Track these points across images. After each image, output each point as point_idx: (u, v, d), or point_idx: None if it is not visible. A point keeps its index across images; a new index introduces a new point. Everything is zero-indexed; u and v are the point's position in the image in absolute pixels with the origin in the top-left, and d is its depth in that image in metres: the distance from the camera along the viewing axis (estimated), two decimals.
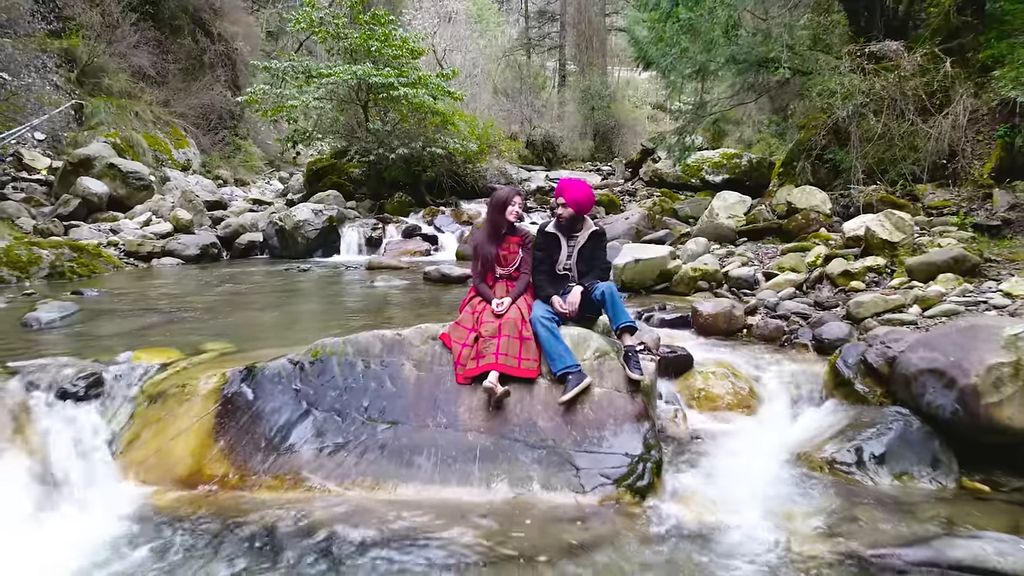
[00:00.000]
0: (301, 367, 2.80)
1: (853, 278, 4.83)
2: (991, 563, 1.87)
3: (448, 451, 2.55)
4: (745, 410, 3.30)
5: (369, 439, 2.60)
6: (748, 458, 2.83)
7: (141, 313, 4.80)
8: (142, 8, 17.64)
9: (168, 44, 18.64)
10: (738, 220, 7.17)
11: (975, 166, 6.93)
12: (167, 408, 2.78)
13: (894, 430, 2.62)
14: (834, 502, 2.41)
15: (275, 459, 2.58)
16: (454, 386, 2.71)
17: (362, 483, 2.50)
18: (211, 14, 20.18)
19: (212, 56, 20.15)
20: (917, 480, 2.51)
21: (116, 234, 9.29)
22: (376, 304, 5.49)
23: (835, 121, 7.74)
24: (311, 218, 9.62)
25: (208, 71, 19.88)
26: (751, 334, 4.21)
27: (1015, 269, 4.32)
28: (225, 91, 20.27)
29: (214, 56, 20.23)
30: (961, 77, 7.36)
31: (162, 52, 18.32)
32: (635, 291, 5.53)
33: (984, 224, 5.47)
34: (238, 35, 20.97)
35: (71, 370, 2.92)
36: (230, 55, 21.04)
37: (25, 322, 4.18)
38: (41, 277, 6.62)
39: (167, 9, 18.67)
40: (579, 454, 2.52)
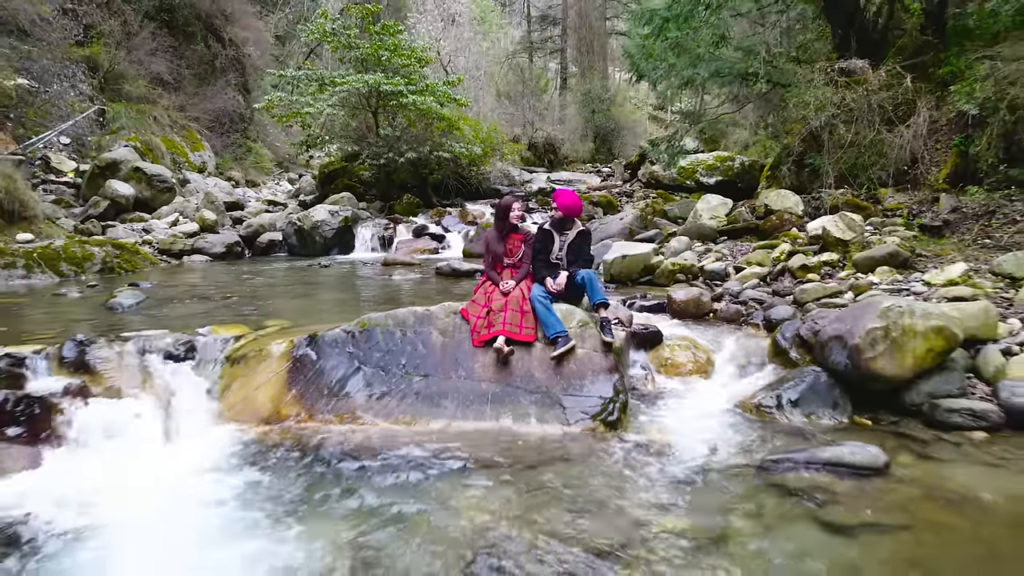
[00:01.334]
0: (352, 335, 3.69)
1: (810, 271, 5.70)
2: (846, 459, 2.75)
3: (467, 396, 3.44)
4: (703, 374, 4.17)
5: (407, 388, 3.49)
6: (698, 406, 3.71)
7: (196, 300, 5.70)
8: (158, 16, 18.62)
9: (182, 50, 19.57)
10: (720, 221, 8.04)
11: (932, 172, 7.79)
12: (248, 367, 3.67)
13: (807, 382, 3.50)
14: (755, 432, 3.28)
15: (335, 402, 3.47)
16: (471, 348, 3.60)
17: (402, 419, 3.38)
18: (222, 20, 21.11)
19: (223, 61, 21.08)
20: (820, 418, 3.38)
21: (148, 233, 10.21)
22: (397, 293, 6.38)
23: (811, 130, 8.64)
24: (328, 219, 10.53)
25: (220, 75, 20.83)
26: (716, 316, 5.08)
27: (939, 263, 5.19)
28: (236, 95, 21.23)
29: (225, 61, 21.17)
30: (924, 91, 8.24)
31: (177, 58, 19.25)
32: (623, 282, 6.42)
33: (928, 224, 6.34)
34: (248, 40, 21.90)
35: (169, 339, 3.81)
36: (240, 60, 21.98)
37: (110, 306, 5.08)
38: (94, 272, 7.53)
39: (181, 16, 19.60)
40: (565, 397, 3.41)
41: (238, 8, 21.63)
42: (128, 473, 2.88)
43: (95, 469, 2.87)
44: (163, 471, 2.97)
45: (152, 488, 2.78)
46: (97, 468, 2.89)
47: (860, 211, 7.43)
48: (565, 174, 19.50)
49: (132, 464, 2.96)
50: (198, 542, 2.37)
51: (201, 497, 2.70)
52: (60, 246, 7.51)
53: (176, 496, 2.73)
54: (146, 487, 2.78)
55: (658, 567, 2.13)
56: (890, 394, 3.38)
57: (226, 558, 2.24)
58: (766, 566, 2.15)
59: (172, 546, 2.35)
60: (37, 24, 11.39)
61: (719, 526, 2.40)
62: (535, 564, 2.15)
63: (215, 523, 2.49)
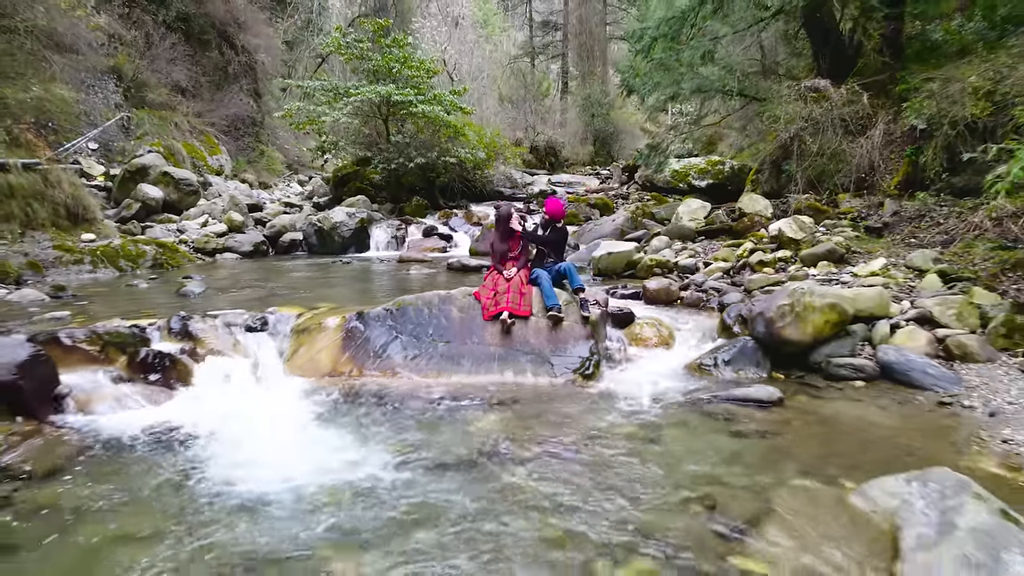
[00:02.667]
0: (391, 312, 4.89)
1: (766, 265, 6.89)
2: (752, 396, 3.94)
3: (479, 356, 4.64)
4: (666, 346, 5.36)
5: (433, 351, 4.69)
6: (658, 368, 4.90)
7: (248, 289, 6.91)
8: (176, 25, 19.88)
9: (198, 58, 20.80)
10: (698, 223, 9.23)
11: (887, 179, 8.97)
12: (310, 336, 4.87)
13: (737, 347, 4.69)
14: (695, 384, 4.47)
15: (379, 362, 4.66)
16: (482, 321, 4.80)
17: (430, 374, 4.58)
18: (235, 28, 22.34)
19: (236, 67, 22.32)
20: (747, 373, 4.57)
21: (183, 233, 11.43)
22: (415, 285, 7.60)
23: (783, 140, 9.83)
24: (346, 220, 11.75)
25: (233, 81, 22.07)
26: (682, 302, 6.27)
27: (868, 258, 6.37)
28: (248, 99, 22.48)
29: (238, 67, 22.40)
30: (882, 106, 9.44)
31: (193, 64, 20.48)
32: (609, 275, 7.62)
33: (871, 226, 7.52)
34: (260, 47, 23.16)
35: (246, 315, 5.02)
36: (252, 65, 23.24)
37: (183, 293, 6.31)
38: (147, 267, 8.75)
39: (197, 25, 20.84)
40: (553, 357, 4.61)
41: (250, 16, 22.91)
42: (235, 404, 4.08)
43: (213, 402, 4.07)
44: (259, 404, 4.16)
45: (254, 413, 3.97)
46: (214, 401, 4.08)
47: (820, 214, 8.62)
48: (565, 176, 20.69)
49: (237, 399, 4.16)
50: (290, 441, 3.56)
51: (289, 419, 3.90)
52: (118, 245, 8.73)
53: (271, 418, 3.92)
54: (250, 413, 3.97)
55: (609, 451, 3.32)
56: (799, 355, 4.56)
57: (308, 451, 3.42)
58: (684, 452, 3.34)
59: (273, 443, 3.54)
60: (78, 38, 12.56)
61: (657, 432, 3.59)
62: (522, 451, 3.34)
63: (301, 433, 3.69)
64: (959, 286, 5.33)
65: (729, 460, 3.19)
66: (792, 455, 3.26)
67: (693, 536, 2.47)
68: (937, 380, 4.10)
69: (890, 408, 3.88)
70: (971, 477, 2.67)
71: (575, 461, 3.22)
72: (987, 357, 4.39)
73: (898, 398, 4.03)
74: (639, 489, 2.87)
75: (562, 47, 26.00)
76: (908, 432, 3.50)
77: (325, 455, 3.34)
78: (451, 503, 2.76)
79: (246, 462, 3.24)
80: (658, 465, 3.17)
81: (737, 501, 2.73)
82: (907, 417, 3.72)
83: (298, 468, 3.13)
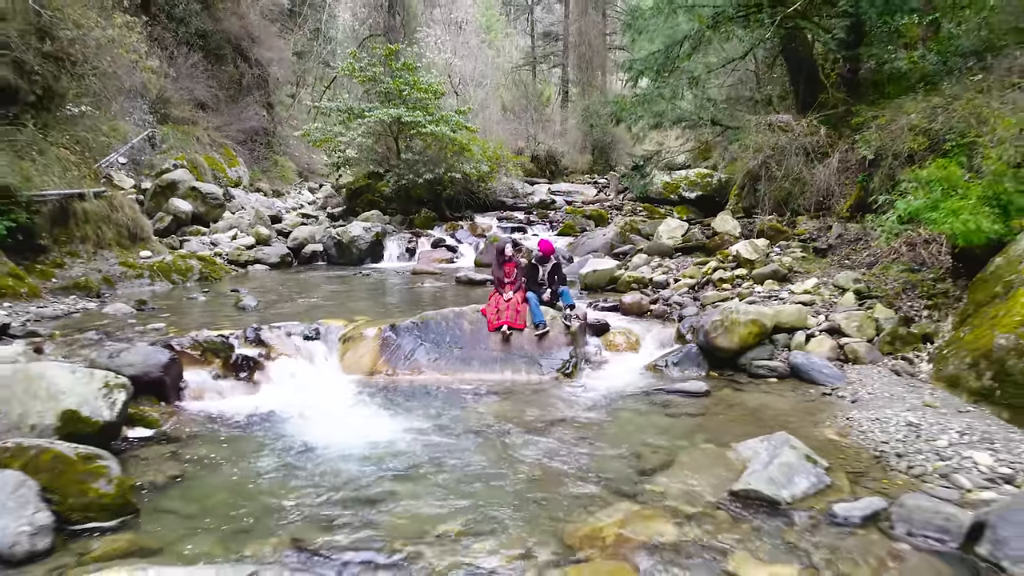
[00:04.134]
0: (416, 324, 6.46)
1: (725, 282, 8.43)
2: (686, 388, 5.50)
3: (485, 359, 6.20)
4: (633, 350, 6.91)
5: (450, 355, 6.25)
6: (625, 368, 6.45)
7: (290, 302, 8.49)
8: (194, 42, 21.49)
9: (215, 72, 22.38)
10: (676, 240, 10.77)
11: (841, 203, 10.49)
12: (354, 344, 6.44)
13: (684, 352, 6.24)
14: (650, 380, 6.02)
15: (408, 363, 6.23)
16: (487, 332, 6.36)
17: (448, 372, 6.15)
18: (249, 42, 23.92)
19: (249, 80, 23.93)
20: (689, 372, 6.11)
21: (216, 247, 13.01)
22: (431, 296, 9.18)
23: (753, 166, 11.36)
24: (362, 234, 13.33)
25: (246, 93, 23.67)
26: (651, 314, 7.82)
27: (805, 278, 7.90)
28: (261, 110, 24.07)
29: (251, 80, 24.01)
30: (843, 136, 10.95)
31: (210, 78, 22.04)
32: (594, 289, 9.17)
33: (818, 247, 9.05)
34: (272, 60, 24.74)
35: (302, 326, 6.59)
36: (265, 78, 24.83)
37: (241, 306, 7.88)
38: (194, 280, 10.34)
39: (214, 41, 22.44)
40: (542, 359, 6.17)
41: (263, 30, 24.49)
42: (302, 394, 5.64)
43: (286, 392, 5.63)
44: (320, 394, 5.72)
45: (317, 400, 5.53)
46: (286, 392, 5.65)
47: (780, 234, 10.16)
48: (565, 185, 22.22)
49: (303, 391, 5.72)
50: (346, 418, 5.11)
51: (343, 404, 5.46)
52: (170, 260, 10.32)
53: (333, 403, 5.48)
54: (314, 400, 5.53)
55: (576, 426, 4.87)
56: (730, 359, 6.11)
57: (361, 425, 4.97)
58: (630, 427, 4.88)
59: (335, 420, 5.09)
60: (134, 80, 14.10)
61: (614, 414, 5.15)
62: (514, 426, 4.89)
63: (353, 414, 5.24)
64: (868, 303, 6.87)
65: (659, 432, 4.75)
66: (704, 428, 4.81)
67: (623, 475, 4.01)
68: (828, 377, 5.64)
69: (787, 397, 5.43)
70: (814, 441, 4.24)
71: (552, 432, 4.78)
72: (871, 360, 5.94)
73: (797, 390, 5.58)
74: (594, 449, 4.43)
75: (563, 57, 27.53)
76: (792, 413, 5.04)
77: (373, 427, 4.91)
78: (465, 457, 4.32)
79: (318, 431, 4.79)
80: (610, 435, 4.73)
81: (656, 455, 4.28)
82: (796, 403, 5.27)
83: (356, 435, 4.68)
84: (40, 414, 3.80)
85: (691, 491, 3.72)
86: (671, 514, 3.45)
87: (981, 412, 4.66)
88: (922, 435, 4.20)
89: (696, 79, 10.86)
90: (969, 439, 4.05)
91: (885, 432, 4.35)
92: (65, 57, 9.66)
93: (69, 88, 9.95)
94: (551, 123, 26.08)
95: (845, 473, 3.86)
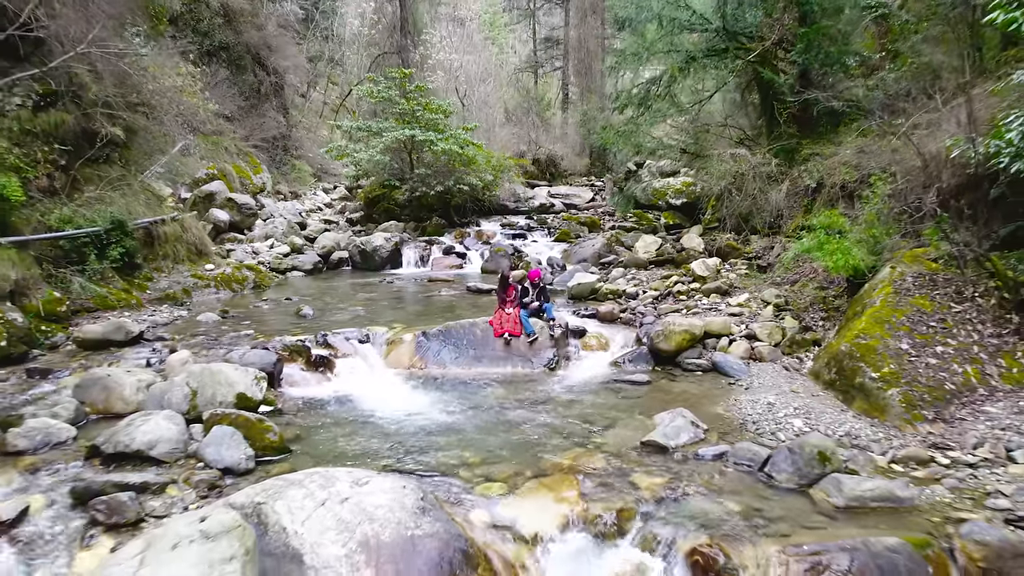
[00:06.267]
0: (441, 331, 9.11)
1: (683, 295, 11.02)
2: (634, 379, 8.13)
3: (492, 358, 8.86)
4: (604, 350, 9.54)
5: (467, 354, 8.90)
6: (596, 364, 9.09)
7: (338, 312, 11.12)
8: (218, 53, 23.99)
9: (236, 81, 24.84)
10: (650, 254, 13.35)
11: (788, 224, 13.03)
12: (395, 346, 9.09)
13: (637, 352, 8.87)
14: (612, 372, 8.66)
15: (436, 360, 8.89)
16: (493, 338, 9.01)
17: (465, 367, 8.81)
18: (267, 51, 26.37)
19: (267, 87, 26.41)
20: (640, 367, 8.74)
21: (258, 255, 15.64)
22: (447, 304, 11.82)
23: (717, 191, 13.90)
24: (383, 243, 15.95)
25: (264, 100, 26.17)
26: (621, 321, 10.42)
27: (741, 293, 10.47)
28: (278, 116, 26.58)
29: (268, 87, 26.50)
30: (794, 164, 13.45)
31: (230, 87, 24.50)
32: (579, 299, 11.78)
33: (761, 265, 11.60)
34: (288, 68, 27.19)
35: (356, 332, 9.24)
36: (281, 85, 27.31)
37: (302, 315, 10.53)
38: (249, 288, 12.98)
39: (235, 52, 24.90)
40: (533, 358, 8.82)
41: (280, 39, 26.92)
42: (362, 383, 8.28)
43: (350, 382, 8.28)
44: (374, 383, 8.36)
45: (373, 387, 8.17)
46: (350, 381, 8.29)
47: (735, 251, 12.73)
48: (563, 188, 24.72)
49: (361, 380, 8.36)
50: (397, 399, 7.75)
51: (392, 389, 8.11)
52: (229, 272, 12.97)
53: (383, 389, 8.12)
54: (371, 387, 8.17)
55: (554, 403, 7.51)
56: (670, 358, 8.73)
57: (407, 403, 7.60)
58: (590, 404, 7.51)
59: (389, 399, 7.72)
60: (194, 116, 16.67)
61: (581, 396, 7.80)
62: (512, 403, 7.53)
63: (401, 395, 7.89)
64: (783, 314, 9.46)
65: (609, 408, 7.37)
66: (639, 406, 7.43)
67: (579, 432, 6.64)
68: (736, 371, 8.24)
69: (704, 386, 8.05)
70: (706, 413, 6.87)
71: (537, 407, 7.41)
72: (772, 359, 8.55)
73: (713, 381, 8.19)
74: (563, 418, 7.06)
75: (563, 62, 29.86)
76: (702, 396, 7.66)
77: (414, 404, 7.56)
78: (477, 421, 6.96)
79: (376, 407, 7.44)
80: (575, 409, 7.37)
81: (603, 422, 6.90)
82: (708, 390, 7.89)
83: (402, 409, 7.33)
84: (224, 395, 6.47)
85: (619, 443, 6.36)
86: (604, 454, 6.08)
87: (825, 396, 7.29)
88: (773, 410, 6.84)
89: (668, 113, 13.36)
90: (797, 412, 6.68)
91: (753, 408, 6.99)
92: (145, 103, 12.25)
93: (147, 129, 12.54)
94: (551, 127, 28.51)
95: (717, 432, 6.49)
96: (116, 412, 6.54)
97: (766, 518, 4.88)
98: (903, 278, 8.15)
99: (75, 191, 10.56)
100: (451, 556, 4.27)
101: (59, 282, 9.45)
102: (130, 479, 5.04)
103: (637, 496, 5.21)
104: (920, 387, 6.75)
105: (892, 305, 7.79)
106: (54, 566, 4.34)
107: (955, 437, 6.08)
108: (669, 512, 4.97)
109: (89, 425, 6.42)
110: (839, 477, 5.21)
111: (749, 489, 5.37)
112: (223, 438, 5.68)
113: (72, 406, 6.35)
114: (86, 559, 4.40)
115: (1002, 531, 4.46)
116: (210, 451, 5.60)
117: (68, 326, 9.09)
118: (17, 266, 8.46)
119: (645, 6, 13.64)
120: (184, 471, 5.50)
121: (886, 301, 7.84)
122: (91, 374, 6.93)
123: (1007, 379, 6.84)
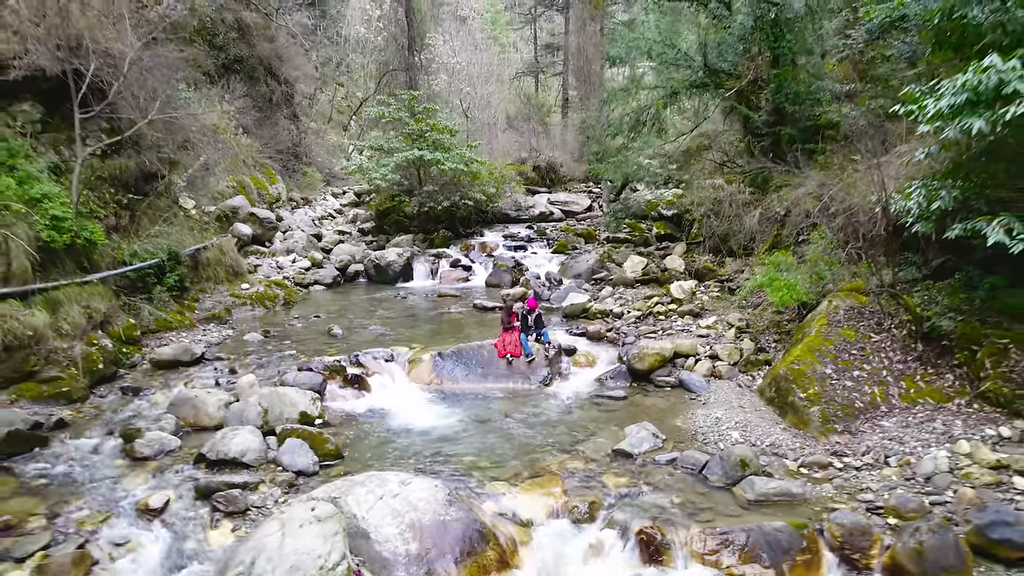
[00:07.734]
0: (454, 351, 11.18)
1: (661, 315, 13.03)
2: (614, 395, 10.18)
3: (497, 375, 10.93)
4: (591, 367, 11.60)
5: (476, 372, 10.97)
6: (584, 380, 11.15)
7: (362, 329, 13.17)
8: (232, 66, 25.82)
9: (250, 92, 26.62)
10: (637, 274, 15.35)
11: (761, 247, 15.00)
12: (416, 364, 11.14)
13: (617, 370, 10.93)
14: (595, 388, 10.72)
15: (450, 376, 10.96)
16: (497, 358, 11.06)
17: (474, 383, 10.88)
18: (279, 61, 28.15)
19: (278, 96, 28.24)
20: (619, 383, 10.79)
21: (282, 270, 17.64)
22: (457, 321, 13.88)
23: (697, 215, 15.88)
24: (396, 258, 17.97)
25: (276, 109, 28.01)
26: (607, 339, 12.45)
27: (710, 315, 12.48)
28: (289, 124, 28.46)
29: (279, 96, 28.32)
30: (767, 192, 15.40)
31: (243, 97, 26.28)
32: (572, 317, 13.82)
33: (732, 287, 13.59)
34: (298, 77, 28.99)
35: (383, 351, 11.32)
36: (291, 94, 29.12)
37: (333, 334, 12.58)
38: (280, 304, 15.02)
39: (249, 64, 26.69)
40: (531, 375, 10.90)
41: (290, 49, 28.69)
42: (391, 397, 10.34)
43: (381, 396, 10.34)
44: (400, 396, 10.42)
45: (400, 400, 10.23)
46: (381, 396, 10.35)
47: (711, 273, 14.74)
48: (563, 195, 26.63)
49: (390, 395, 10.42)
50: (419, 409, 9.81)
51: (416, 402, 10.17)
52: (262, 291, 15.01)
53: (408, 402, 10.19)
54: (398, 400, 10.23)
55: (548, 414, 9.57)
56: (644, 375, 10.78)
57: (428, 412, 9.66)
58: (577, 416, 9.57)
59: (413, 410, 9.78)
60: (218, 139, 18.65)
61: (569, 408, 9.86)
62: (513, 414, 9.59)
63: (422, 407, 9.95)
64: (743, 336, 11.48)
65: (591, 420, 9.43)
66: (615, 418, 9.48)
67: (566, 441, 8.70)
68: (697, 388, 10.27)
69: (670, 400, 10.10)
70: (668, 425, 8.93)
71: (533, 419, 9.46)
72: (729, 377, 10.59)
73: (678, 396, 10.23)
74: (553, 428, 9.13)
75: (563, 68, 31.62)
76: (667, 410, 9.71)
77: (434, 415, 9.63)
78: (485, 430, 9.02)
79: (405, 417, 9.51)
80: (564, 421, 9.43)
81: (585, 432, 8.96)
82: (672, 404, 9.93)
83: (425, 419, 9.39)
84: (289, 413, 8.54)
85: (596, 449, 8.42)
86: (583, 459, 8.14)
87: (766, 411, 9.34)
88: (719, 424, 8.89)
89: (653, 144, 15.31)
90: (736, 426, 8.73)
91: (704, 421, 9.04)
92: (190, 142, 14.22)
93: (188, 163, 14.52)
94: (551, 134, 30.35)
95: (672, 442, 8.54)
96: (203, 426, 8.63)
97: (697, 508, 6.96)
98: (837, 311, 10.16)
99: (136, 226, 12.56)
100: (471, 534, 6.35)
101: (131, 309, 11.50)
102: (235, 479, 7.12)
103: (605, 492, 7.29)
104: (835, 405, 8.80)
105: (824, 335, 9.81)
106: (194, 540, 6.42)
107: (853, 446, 8.14)
108: (627, 504, 7.04)
109: (184, 436, 8.49)
110: (753, 479, 7.27)
111: (690, 487, 7.44)
112: (295, 447, 7.75)
113: (172, 421, 8.44)
114: (215, 536, 6.49)
115: (857, 516, 6.51)
116: (286, 458, 7.67)
117: (141, 347, 11.15)
118: (104, 299, 10.49)
119: (635, 47, 15.51)
120: (268, 473, 7.58)
121: (819, 332, 9.86)
122: (181, 394, 9.01)
123: (905, 398, 8.88)
